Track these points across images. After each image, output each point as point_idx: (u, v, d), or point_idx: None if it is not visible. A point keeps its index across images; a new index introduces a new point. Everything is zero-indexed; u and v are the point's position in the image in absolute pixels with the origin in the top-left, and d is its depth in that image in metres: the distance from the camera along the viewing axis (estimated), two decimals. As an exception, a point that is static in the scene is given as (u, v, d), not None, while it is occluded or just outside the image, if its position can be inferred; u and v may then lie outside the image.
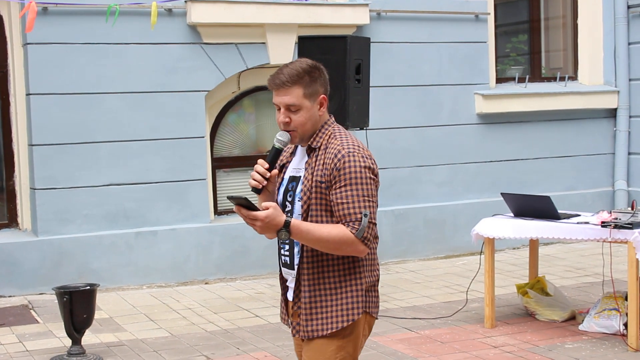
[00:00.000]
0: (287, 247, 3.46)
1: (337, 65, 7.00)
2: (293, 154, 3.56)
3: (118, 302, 7.92)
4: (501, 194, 7.00)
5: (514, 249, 10.03)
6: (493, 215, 6.96)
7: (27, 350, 6.47)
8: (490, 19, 10.11)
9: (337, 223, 3.30)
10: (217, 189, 9.16)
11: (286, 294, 3.54)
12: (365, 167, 3.31)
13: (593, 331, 6.56)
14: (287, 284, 3.52)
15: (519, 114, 10.24)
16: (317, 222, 3.33)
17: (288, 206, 3.43)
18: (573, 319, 6.93)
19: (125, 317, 7.40)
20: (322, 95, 3.42)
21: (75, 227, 8.32)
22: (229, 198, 3.23)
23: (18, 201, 8.52)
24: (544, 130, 10.44)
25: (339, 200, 3.29)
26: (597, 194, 10.74)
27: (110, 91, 8.41)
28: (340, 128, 3.47)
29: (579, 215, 6.75)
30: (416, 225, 9.71)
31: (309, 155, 3.43)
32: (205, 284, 8.67)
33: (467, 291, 7.55)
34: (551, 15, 11.15)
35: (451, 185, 9.96)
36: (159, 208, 8.63)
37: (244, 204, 3.22)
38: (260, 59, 8.93)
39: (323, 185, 3.32)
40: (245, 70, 8.97)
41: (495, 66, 10.31)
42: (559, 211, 6.66)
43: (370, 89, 7.59)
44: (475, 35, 9.98)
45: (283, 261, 3.51)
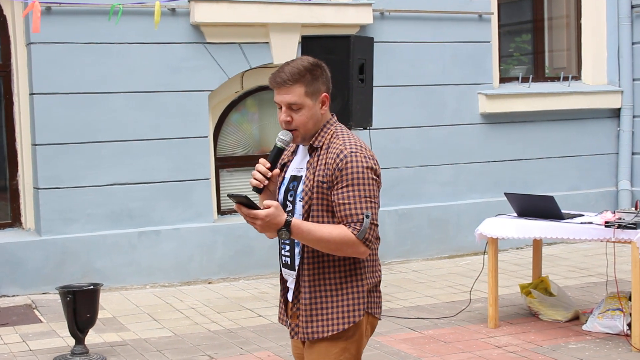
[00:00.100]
0: (288, 248, 3.42)
1: (341, 65, 7.00)
2: (294, 152, 3.52)
3: (121, 302, 7.92)
4: (505, 193, 7.00)
5: (517, 249, 10.02)
6: (496, 215, 6.96)
7: (31, 350, 6.47)
8: (494, 19, 10.10)
9: (339, 223, 3.27)
10: (221, 188, 9.17)
11: (286, 295, 3.51)
12: (367, 168, 3.27)
13: (597, 331, 6.55)
14: (288, 284, 3.49)
15: (522, 113, 10.23)
16: (318, 222, 3.29)
17: (289, 206, 3.39)
18: (577, 319, 6.92)
19: (128, 317, 7.40)
20: (324, 94, 3.38)
21: (79, 227, 8.32)
22: (230, 196, 3.19)
23: (21, 201, 8.53)
24: (548, 130, 10.44)
25: (341, 201, 3.25)
26: (601, 194, 10.73)
27: (114, 91, 8.42)
28: (342, 127, 3.43)
29: (583, 215, 6.74)
30: (420, 225, 9.70)
31: (310, 155, 3.39)
32: (209, 283, 8.67)
33: (471, 291, 7.55)
34: (555, 15, 11.14)
35: (455, 185, 9.95)
36: (162, 208, 8.63)
37: (244, 202, 3.18)
38: (264, 58, 8.93)
39: (325, 185, 3.29)
40: (248, 69, 8.97)
41: (499, 66, 10.30)
42: (563, 211, 6.66)
43: (374, 88, 7.59)
44: (478, 35, 9.97)
45: (284, 262, 3.47)
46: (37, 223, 8.34)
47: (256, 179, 3.37)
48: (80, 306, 6.14)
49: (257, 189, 3.40)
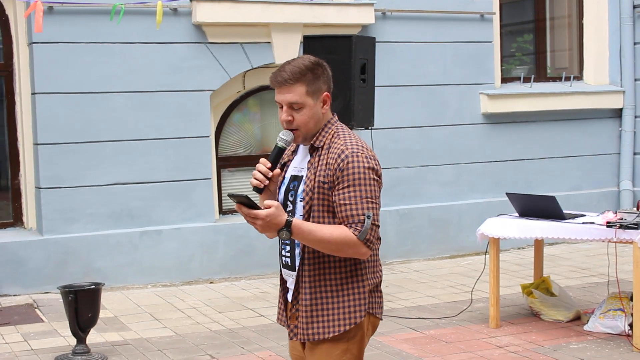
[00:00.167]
0: (289, 248, 3.39)
1: (342, 65, 7.00)
2: (295, 152, 3.50)
3: (123, 301, 7.93)
4: (506, 193, 7.00)
5: (518, 249, 10.02)
6: (498, 215, 6.96)
7: (32, 349, 6.48)
8: (496, 19, 10.10)
9: (340, 224, 3.24)
10: (222, 188, 9.17)
11: (286, 295, 3.48)
12: (368, 168, 3.24)
13: (598, 331, 6.55)
14: (288, 285, 3.46)
15: (524, 113, 10.23)
16: (319, 223, 3.26)
17: (289, 206, 3.36)
18: (578, 319, 6.92)
19: (130, 316, 7.40)
20: (325, 93, 3.36)
21: (80, 226, 8.33)
22: (230, 196, 3.16)
23: (23, 200, 8.54)
24: (549, 130, 10.43)
25: (342, 202, 3.23)
26: (603, 194, 10.73)
27: (116, 90, 8.42)
28: (344, 127, 3.41)
29: (584, 215, 6.74)
30: (421, 225, 9.70)
31: (311, 155, 3.36)
32: (210, 283, 8.67)
33: (472, 291, 7.54)
34: (557, 15, 11.13)
35: (456, 185, 9.95)
36: (163, 207, 8.64)
37: (244, 202, 3.15)
38: (266, 58, 8.93)
39: (326, 185, 3.26)
40: (250, 69, 8.97)
41: (501, 66, 10.30)
42: (564, 211, 6.65)
43: (376, 88, 7.59)
44: (480, 34, 9.97)
45: (284, 262, 3.43)
46: (39, 222, 8.35)
47: (257, 179, 3.34)
48: (82, 306, 6.14)
49: (258, 189, 3.36)
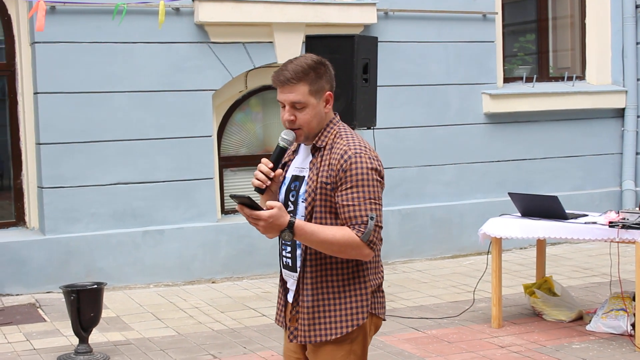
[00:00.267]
0: (289, 249, 3.35)
1: (345, 65, 6.99)
2: (295, 152, 3.46)
3: (125, 301, 7.93)
4: (508, 193, 6.99)
5: (521, 248, 10.01)
6: (500, 215, 6.95)
7: (35, 349, 6.48)
8: (498, 19, 10.09)
9: (342, 225, 3.21)
10: (224, 188, 9.17)
11: (286, 296, 3.45)
12: (371, 169, 3.21)
13: (600, 331, 6.55)
14: (288, 286, 3.43)
15: (526, 113, 10.23)
16: (321, 224, 3.23)
17: (290, 206, 3.32)
18: (580, 319, 6.92)
19: (132, 316, 7.41)
20: (328, 92, 3.32)
21: (83, 226, 8.33)
22: (232, 197, 3.13)
23: (25, 200, 8.54)
24: (552, 130, 10.43)
25: (345, 203, 3.19)
26: (605, 194, 10.72)
27: (118, 90, 8.42)
28: (346, 127, 3.37)
29: (587, 215, 6.74)
30: (423, 225, 9.70)
31: (313, 155, 3.33)
32: (212, 282, 8.67)
33: (474, 291, 7.54)
34: (559, 14, 11.13)
35: (458, 184, 9.94)
36: (166, 207, 8.64)
37: (247, 203, 3.11)
38: (268, 58, 8.94)
39: (328, 187, 3.23)
40: (252, 69, 8.98)
41: (503, 66, 10.29)
42: (567, 211, 6.65)
43: (378, 88, 7.58)
44: (482, 34, 9.97)
45: (285, 263, 3.40)
46: (41, 222, 8.35)
47: (258, 179, 3.29)
48: (84, 305, 6.15)
49: (260, 190, 3.32)
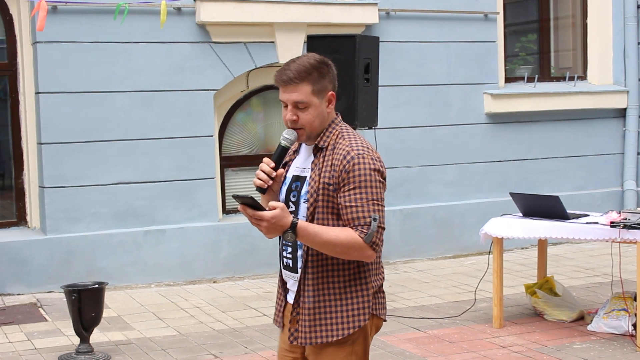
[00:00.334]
0: (290, 249, 3.33)
1: (346, 65, 6.99)
2: (296, 151, 3.44)
3: (126, 301, 7.93)
4: (510, 193, 6.99)
5: (522, 248, 10.01)
6: (502, 215, 6.95)
7: (36, 349, 6.48)
8: (500, 19, 10.09)
9: (345, 226, 3.19)
10: (226, 187, 9.17)
11: (286, 297, 3.43)
12: (374, 170, 3.20)
13: (602, 331, 6.54)
14: (288, 286, 3.41)
15: (527, 113, 10.22)
16: (323, 225, 3.21)
17: (292, 206, 3.29)
18: (581, 319, 6.91)
19: (133, 316, 7.41)
20: (331, 92, 3.30)
21: (84, 226, 8.34)
22: (235, 197, 3.11)
23: (27, 199, 8.55)
24: (553, 130, 10.42)
25: (348, 204, 3.17)
26: (606, 194, 10.72)
27: (119, 90, 8.43)
28: (348, 127, 3.35)
29: (588, 215, 6.73)
30: (424, 225, 9.70)
31: (315, 155, 3.30)
32: (214, 282, 8.67)
33: (476, 291, 7.54)
34: (560, 14, 11.12)
35: (460, 184, 9.94)
36: (167, 207, 8.64)
37: (249, 204, 3.09)
38: (269, 58, 8.94)
39: (331, 187, 3.21)
40: (254, 69, 8.98)
41: (504, 66, 10.29)
42: (568, 211, 6.65)
43: (379, 88, 7.59)
44: (484, 34, 9.97)
45: (285, 263, 3.37)
46: (43, 222, 8.35)
47: (260, 179, 3.27)
48: (85, 305, 6.15)
49: (261, 189, 3.29)
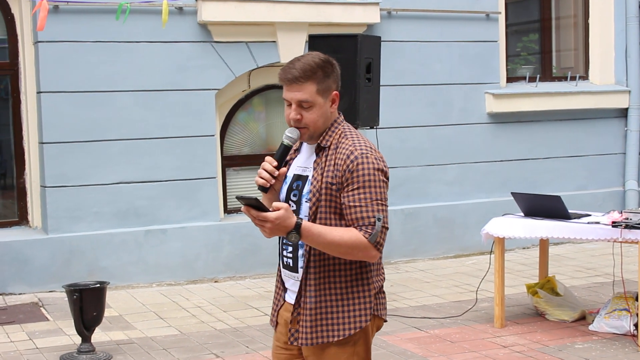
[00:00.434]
0: (291, 249, 3.31)
1: (348, 64, 6.98)
2: (297, 150, 3.42)
3: (128, 300, 7.94)
4: (511, 193, 6.99)
5: (524, 248, 10.01)
6: (503, 215, 6.95)
7: (37, 348, 6.49)
8: (501, 18, 10.09)
9: (348, 226, 3.17)
10: (227, 187, 9.17)
11: (284, 297, 3.40)
12: (378, 170, 3.19)
13: (603, 331, 6.54)
14: (287, 286, 3.39)
15: (529, 113, 10.22)
16: (326, 224, 3.19)
17: (292, 206, 3.26)
18: (583, 319, 6.91)
19: (134, 315, 7.41)
20: (335, 92, 3.29)
21: (86, 225, 8.34)
22: (238, 198, 3.08)
23: (29, 199, 8.55)
24: (555, 129, 10.42)
25: (352, 204, 3.16)
26: (608, 193, 10.72)
27: (121, 89, 8.43)
28: (350, 127, 3.34)
29: (590, 215, 6.73)
30: (426, 225, 9.69)
31: (317, 154, 3.29)
32: (215, 282, 8.67)
33: (477, 291, 7.54)
34: (562, 14, 11.12)
35: (461, 184, 9.94)
36: (169, 206, 8.64)
37: (254, 204, 3.07)
38: (271, 57, 8.94)
39: (334, 187, 3.19)
40: (255, 68, 8.98)
41: (506, 65, 10.29)
42: (570, 211, 6.65)
43: (381, 87, 7.58)
44: (486, 34, 9.96)
45: (285, 263, 3.35)
46: (44, 221, 8.36)
47: (263, 178, 3.26)
48: (87, 304, 6.15)
49: (264, 188, 3.28)
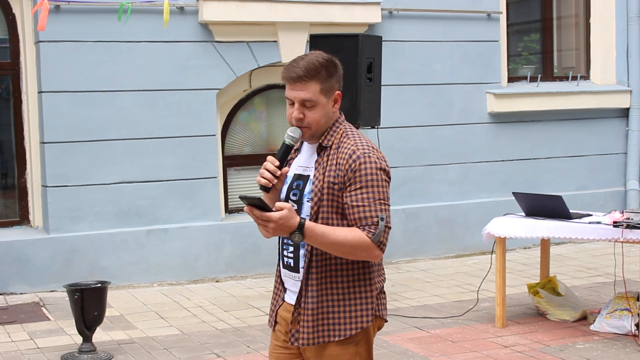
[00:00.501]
0: (292, 249, 3.29)
1: (349, 64, 6.98)
2: (297, 150, 3.41)
3: (129, 300, 7.94)
4: (513, 193, 6.99)
5: (525, 248, 10.01)
6: (504, 215, 6.95)
7: (38, 348, 6.49)
8: (503, 18, 10.08)
9: (351, 226, 3.16)
10: (228, 187, 9.17)
11: (283, 297, 3.38)
12: (380, 169, 3.18)
13: (604, 331, 6.54)
14: (287, 286, 3.37)
15: (530, 113, 10.22)
16: (327, 224, 3.18)
17: (293, 206, 3.22)
18: (584, 319, 6.91)
19: (135, 315, 7.41)
20: (337, 92, 3.29)
21: (87, 225, 8.34)
22: (242, 198, 3.06)
23: (30, 198, 8.55)
24: (556, 129, 10.42)
25: (355, 203, 3.14)
26: (609, 193, 10.71)
27: (122, 89, 8.43)
28: (351, 127, 3.34)
29: (591, 215, 6.73)
30: (427, 224, 9.69)
31: (319, 154, 3.28)
32: (216, 282, 8.67)
33: (478, 290, 7.54)
34: (563, 14, 11.12)
35: (462, 184, 9.94)
36: (170, 206, 8.64)
37: (257, 204, 3.05)
38: (272, 57, 8.94)
39: (336, 187, 3.18)
40: (256, 68, 8.98)
41: (507, 65, 10.29)
42: (571, 211, 6.65)
43: (382, 87, 7.58)
44: (487, 34, 9.96)
45: (286, 263, 3.33)
46: (45, 221, 8.36)
47: (265, 178, 3.23)
48: (88, 304, 6.15)
49: (266, 188, 3.26)
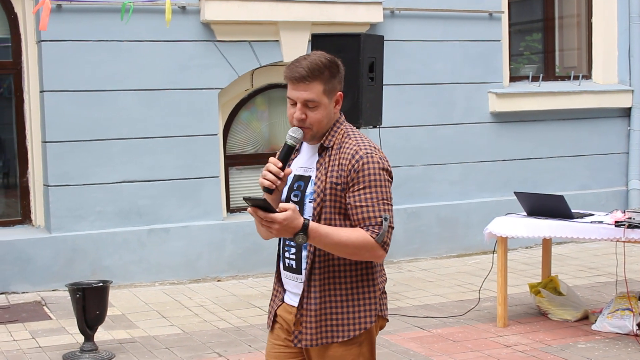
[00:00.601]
0: (294, 250, 3.27)
1: (351, 63, 6.97)
2: (297, 150, 3.39)
3: (130, 299, 7.94)
4: (514, 192, 6.99)
5: (526, 248, 10.00)
6: (506, 214, 6.95)
7: (40, 347, 6.49)
8: (504, 18, 10.08)
9: (354, 226, 3.15)
10: (230, 186, 9.18)
11: (282, 299, 3.37)
12: (383, 169, 3.18)
13: (606, 331, 6.54)
14: (287, 288, 3.35)
15: (532, 112, 10.21)
16: (330, 225, 3.17)
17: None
18: (586, 318, 6.91)
19: (137, 314, 7.41)
20: (339, 93, 3.28)
21: (88, 224, 8.35)
22: (245, 199, 3.04)
23: (31, 198, 8.56)
24: (558, 129, 10.41)
25: (358, 203, 3.14)
26: (611, 193, 10.71)
27: (124, 88, 8.43)
28: (352, 127, 3.33)
29: (593, 214, 6.73)
30: (429, 224, 9.69)
31: (320, 155, 3.27)
32: (218, 281, 8.68)
33: (480, 290, 7.54)
34: (565, 13, 11.11)
35: (464, 183, 9.94)
36: (171, 205, 8.65)
37: (261, 206, 3.03)
38: (274, 56, 8.94)
39: (339, 187, 3.17)
40: (258, 67, 8.98)
41: (509, 65, 10.28)
42: (573, 210, 6.64)
43: (384, 87, 7.58)
44: (489, 33, 9.95)
45: (287, 264, 3.31)
46: (47, 220, 8.36)
47: (268, 180, 3.21)
48: (90, 303, 6.16)
49: (268, 189, 3.23)
